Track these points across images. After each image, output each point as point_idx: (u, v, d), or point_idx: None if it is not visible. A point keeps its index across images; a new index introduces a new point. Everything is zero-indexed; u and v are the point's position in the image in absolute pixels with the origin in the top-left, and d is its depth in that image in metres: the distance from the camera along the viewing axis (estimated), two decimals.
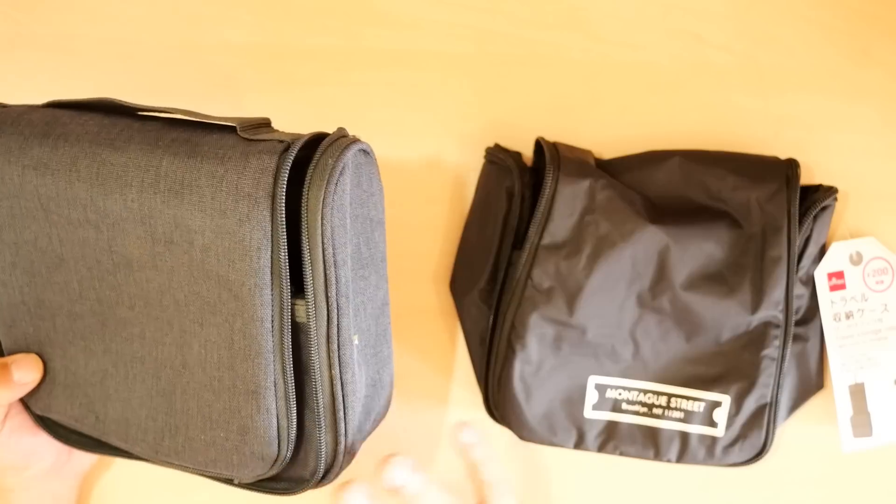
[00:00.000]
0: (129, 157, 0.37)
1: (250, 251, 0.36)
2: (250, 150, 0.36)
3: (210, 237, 0.36)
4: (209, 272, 0.37)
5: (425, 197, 0.53)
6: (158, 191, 0.36)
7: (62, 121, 0.39)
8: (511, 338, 0.48)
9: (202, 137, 0.37)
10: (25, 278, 0.41)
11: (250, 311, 0.37)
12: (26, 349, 0.43)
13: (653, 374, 0.49)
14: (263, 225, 0.35)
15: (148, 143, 0.37)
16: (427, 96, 0.53)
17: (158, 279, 0.38)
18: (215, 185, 0.35)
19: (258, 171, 0.35)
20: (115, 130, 0.38)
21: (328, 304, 0.37)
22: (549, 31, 0.53)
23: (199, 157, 0.36)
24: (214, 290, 0.37)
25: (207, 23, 0.53)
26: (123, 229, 0.38)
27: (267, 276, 0.36)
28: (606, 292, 0.48)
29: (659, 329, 0.49)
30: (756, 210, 0.49)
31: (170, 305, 0.39)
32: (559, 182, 0.47)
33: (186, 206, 0.36)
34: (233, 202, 0.35)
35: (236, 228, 0.35)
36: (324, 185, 0.35)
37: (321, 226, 0.35)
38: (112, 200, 0.37)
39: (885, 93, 0.54)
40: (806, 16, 0.53)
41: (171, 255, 0.37)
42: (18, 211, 0.39)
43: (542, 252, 0.48)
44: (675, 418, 0.49)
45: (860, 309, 0.51)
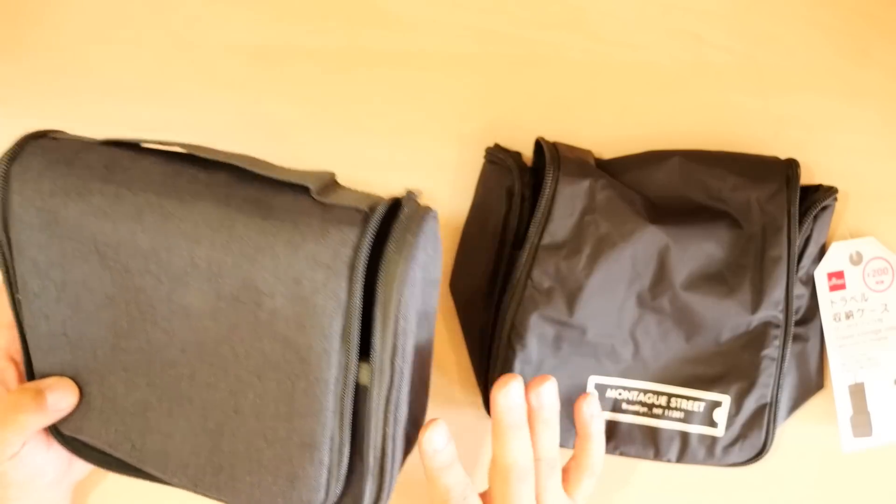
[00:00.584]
0: (199, 215, 0.36)
1: (322, 319, 0.35)
2: (328, 217, 0.35)
3: (281, 302, 0.35)
4: (275, 333, 0.36)
5: (425, 197, 0.53)
6: (230, 252, 0.35)
7: (122, 164, 0.38)
8: (511, 338, 0.48)
9: (274, 198, 0.36)
10: (69, 312, 0.40)
11: (315, 373, 0.36)
12: (60, 374, 0.42)
13: (653, 374, 0.49)
14: (339, 295, 0.35)
15: (218, 200, 0.36)
16: (427, 96, 0.53)
17: (217, 329, 0.37)
18: (291, 253, 0.35)
19: (338, 243, 0.34)
20: (182, 181, 0.37)
21: (392, 370, 0.36)
22: (549, 31, 0.53)
23: (275, 222, 0.35)
24: (278, 350, 0.37)
25: (207, 23, 0.53)
26: (186, 283, 0.37)
27: (336, 343, 0.36)
28: (606, 292, 0.48)
29: (659, 329, 0.49)
30: (756, 210, 0.49)
31: (227, 355, 0.38)
32: (559, 182, 0.47)
33: (258, 270, 0.35)
34: (309, 271, 0.35)
35: (310, 296, 0.35)
36: (402, 261, 0.35)
37: (397, 301, 0.35)
38: (178, 256, 0.36)
39: (885, 93, 0.54)
40: (806, 16, 0.53)
41: (235, 312, 0.37)
42: (70, 252, 0.38)
43: (541, 252, 0.48)
44: (675, 418, 0.49)
45: (860, 309, 0.51)
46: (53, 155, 0.38)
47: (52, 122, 0.53)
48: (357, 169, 0.53)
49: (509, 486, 0.41)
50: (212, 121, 0.53)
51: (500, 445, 0.42)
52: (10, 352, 0.44)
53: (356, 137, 0.53)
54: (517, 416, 0.42)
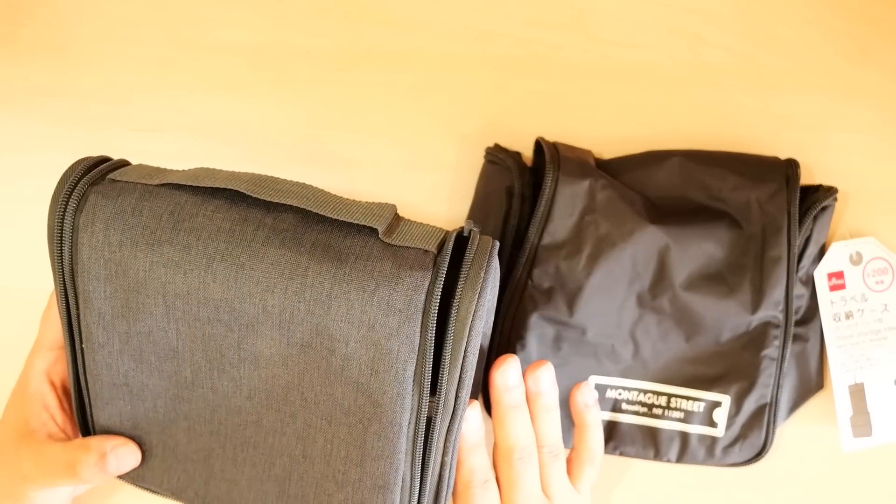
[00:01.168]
0: (271, 263, 0.36)
1: (396, 363, 0.35)
2: (399, 262, 0.35)
3: (354, 347, 0.36)
4: (347, 378, 0.36)
5: (425, 197, 0.53)
6: (303, 300, 0.35)
7: (188, 210, 0.37)
8: (511, 338, 0.48)
9: (343, 241, 0.36)
10: (132, 364, 0.39)
11: (389, 416, 0.37)
12: (119, 426, 0.41)
13: (653, 374, 0.49)
14: (412, 339, 0.35)
15: (288, 246, 0.36)
16: (427, 96, 0.53)
17: (286, 377, 0.38)
18: (366, 300, 0.35)
19: (411, 289, 0.35)
20: (249, 228, 0.37)
21: (456, 402, 0.37)
22: (549, 31, 0.53)
23: (348, 268, 0.35)
24: (350, 395, 0.37)
25: (207, 23, 0.53)
26: (257, 330, 0.37)
27: (410, 386, 0.36)
28: (606, 292, 0.48)
29: (659, 329, 0.49)
30: (756, 210, 0.49)
31: (296, 401, 0.38)
32: (559, 182, 0.47)
33: (332, 317, 0.35)
34: (383, 317, 0.35)
35: (384, 342, 0.35)
36: (475, 298, 0.35)
37: (467, 338, 0.36)
38: (250, 304, 0.36)
39: (885, 93, 0.54)
40: (806, 16, 0.53)
41: (306, 358, 0.37)
42: (136, 304, 0.38)
43: (541, 252, 0.48)
44: (674, 418, 0.49)
45: (860, 309, 0.51)
46: (118, 203, 0.38)
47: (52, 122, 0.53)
48: (357, 169, 0.53)
49: (513, 468, 0.42)
50: (212, 121, 0.53)
51: (501, 427, 0.42)
52: (50, 374, 0.43)
53: (356, 137, 0.53)
54: (516, 397, 0.42)
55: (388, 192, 0.53)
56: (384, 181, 0.53)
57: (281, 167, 0.53)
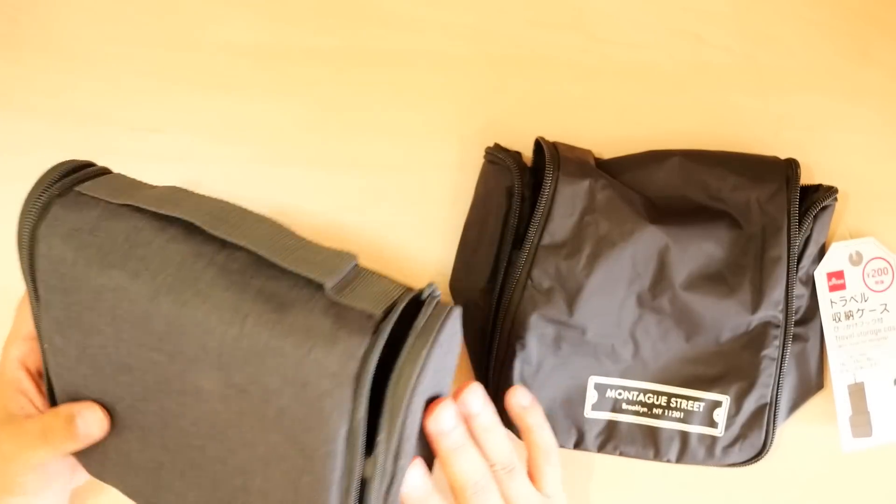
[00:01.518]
0: (212, 306, 0.35)
1: (328, 424, 0.35)
2: (340, 324, 0.35)
3: (288, 402, 0.35)
4: (282, 428, 0.36)
5: (425, 197, 0.53)
6: (240, 347, 0.35)
7: (144, 237, 0.37)
8: (511, 338, 0.48)
9: (289, 292, 0.36)
10: (88, 371, 0.40)
11: (320, 472, 0.36)
12: None
13: (653, 374, 0.49)
14: (345, 404, 0.34)
15: (233, 290, 0.36)
16: (427, 96, 0.53)
17: (226, 414, 0.37)
18: (300, 358, 0.34)
19: (345, 355, 0.34)
20: (200, 265, 0.36)
21: (395, 469, 0.37)
22: (549, 31, 0.53)
23: (287, 324, 0.35)
24: (284, 445, 0.36)
25: (207, 23, 0.53)
26: (198, 367, 0.37)
27: (341, 446, 0.35)
28: (606, 292, 0.48)
29: (659, 329, 0.49)
30: (756, 210, 0.49)
31: (235, 438, 0.38)
32: (559, 182, 0.47)
33: (267, 369, 0.35)
34: (316, 377, 0.34)
35: (316, 402, 0.35)
36: (414, 374, 0.34)
37: (403, 412, 0.35)
38: (189, 343, 0.36)
39: (885, 93, 0.54)
40: (806, 16, 0.53)
41: (243, 403, 0.36)
42: (88, 321, 0.38)
43: (541, 252, 0.48)
44: (674, 418, 0.49)
45: (860, 309, 0.51)
46: (77, 219, 0.38)
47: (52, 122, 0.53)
48: (357, 169, 0.53)
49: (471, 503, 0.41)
50: (212, 121, 0.53)
51: (448, 469, 0.41)
52: (25, 363, 0.44)
53: (356, 137, 0.53)
54: (455, 438, 0.40)
55: (389, 193, 0.53)
56: (384, 181, 0.53)
57: (281, 167, 0.53)
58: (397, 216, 0.53)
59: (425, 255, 0.53)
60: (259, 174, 0.53)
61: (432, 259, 0.54)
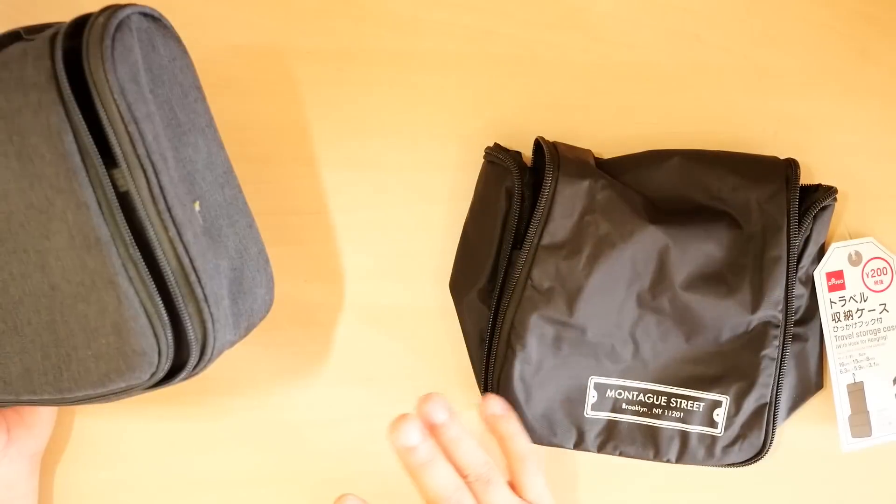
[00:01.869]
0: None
1: (53, 138, 0.36)
2: (27, 45, 0.37)
3: (18, 141, 0.36)
4: (29, 175, 0.36)
5: (425, 197, 0.53)
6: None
7: None
8: (511, 338, 0.48)
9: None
10: None
11: (73, 198, 0.36)
12: None
13: (652, 374, 0.49)
14: (56, 108, 0.36)
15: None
16: (427, 96, 0.53)
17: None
18: (4, 89, 0.36)
19: (36, 59, 0.36)
20: None
21: (141, 162, 0.37)
22: (549, 31, 0.53)
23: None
24: (41, 193, 0.37)
25: (208, 23, 0.53)
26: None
27: (76, 158, 0.36)
28: (606, 292, 0.48)
29: (659, 329, 0.49)
30: (756, 210, 0.49)
31: (18, 231, 0.38)
32: (559, 182, 0.47)
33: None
34: (23, 97, 0.36)
35: (33, 121, 0.36)
36: (100, 41, 0.35)
37: (107, 81, 0.36)
38: None
39: (885, 93, 0.54)
40: (806, 16, 0.53)
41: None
42: None
43: (541, 252, 0.48)
44: (674, 418, 0.49)
45: (859, 309, 0.51)
46: None
47: None
48: (357, 169, 0.53)
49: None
50: None
51: (419, 486, 0.40)
52: None
53: (356, 137, 0.53)
54: (422, 453, 0.40)
55: (389, 192, 0.53)
56: (384, 181, 0.53)
57: (281, 167, 0.53)
58: (397, 216, 0.53)
59: (425, 255, 0.53)
60: (259, 174, 0.53)
61: (432, 259, 0.54)
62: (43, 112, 0.36)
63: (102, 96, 0.36)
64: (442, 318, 0.53)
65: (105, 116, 0.36)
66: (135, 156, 0.37)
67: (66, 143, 0.36)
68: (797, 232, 0.49)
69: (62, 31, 0.37)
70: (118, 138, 0.36)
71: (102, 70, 0.36)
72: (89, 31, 0.36)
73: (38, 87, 0.36)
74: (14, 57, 0.37)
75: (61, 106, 0.36)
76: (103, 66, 0.36)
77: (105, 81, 0.36)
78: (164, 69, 0.40)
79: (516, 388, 0.48)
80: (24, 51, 0.37)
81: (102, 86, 0.36)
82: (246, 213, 0.45)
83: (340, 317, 0.53)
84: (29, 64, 0.36)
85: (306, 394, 0.53)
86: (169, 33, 0.41)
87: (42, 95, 0.36)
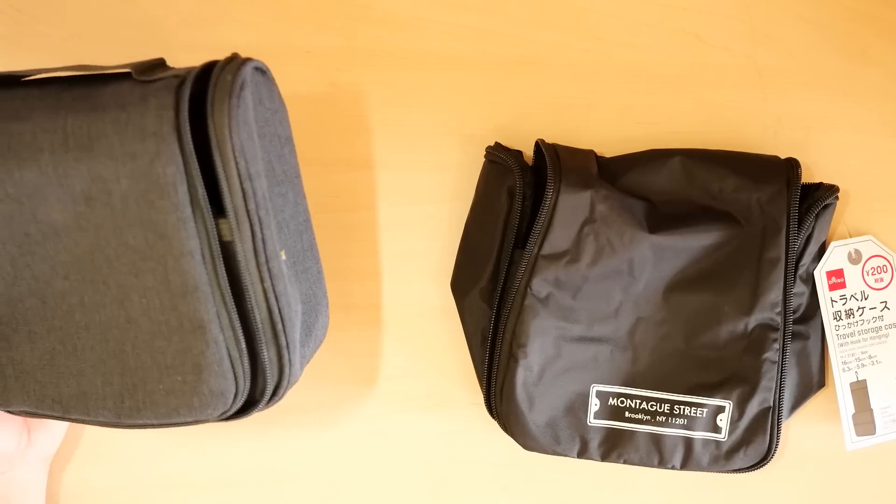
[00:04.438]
0: (35, 124, 0.37)
1: (167, 188, 0.36)
2: (148, 91, 0.36)
3: (126, 183, 0.36)
4: (132, 218, 0.37)
5: (425, 197, 0.53)
6: (69, 149, 0.36)
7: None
8: (512, 346, 0.48)
9: (101, 89, 0.37)
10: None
11: (178, 246, 0.37)
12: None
13: (654, 381, 0.49)
14: (175, 159, 0.36)
15: (50, 106, 0.37)
16: (427, 96, 0.53)
17: (86, 240, 0.38)
18: (121, 131, 0.36)
19: (158, 109, 0.36)
20: (17, 101, 0.38)
21: (250, 217, 0.37)
22: (549, 31, 0.53)
23: (101, 109, 0.36)
24: (140, 235, 0.37)
25: (207, 23, 0.53)
26: (44, 196, 0.37)
27: (188, 209, 0.37)
28: (604, 300, 0.48)
29: (657, 334, 0.49)
30: (757, 211, 0.49)
31: (102, 264, 0.38)
32: (560, 193, 0.47)
33: (98, 158, 0.36)
34: (140, 143, 0.36)
35: (149, 168, 0.36)
36: (226, 99, 0.36)
37: (230, 139, 0.36)
38: (27, 169, 0.37)
39: (885, 93, 0.54)
40: (806, 16, 0.53)
41: (94, 212, 0.37)
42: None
43: (541, 261, 0.48)
44: (678, 425, 0.49)
45: (860, 307, 0.51)
46: None
47: None
48: (357, 169, 0.53)
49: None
50: None
51: None
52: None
53: (356, 137, 0.53)
54: None
55: (389, 192, 0.53)
56: (384, 181, 0.53)
57: None
58: (397, 216, 0.53)
59: (425, 255, 0.53)
60: None
61: (432, 259, 0.53)
62: (160, 162, 0.36)
63: (223, 155, 0.36)
64: (442, 318, 0.53)
65: (222, 173, 0.36)
66: (244, 210, 0.37)
67: (180, 195, 0.36)
68: (797, 233, 0.49)
69: (189, 83, 0.36)
70: (232, 194, 0.37)
71: (227, 129, 0.36)
72: (215, 88, 0.36)
73: (158, 136, 0.36)
74: (132, 100, 0.36)
75: (181, 158, 0.36)
76: (228, 125, 0.36)
77: (228, 141, 0.36)
78: (268, 122, 0.40)
79: (519, 396, 0.48)
80: (143, 96, 0.36)
81: (225, 145, 0.36)
82: (317, 259, 0.45)
83: (341, 317, 0.53)
84: (151, 112, 0.36)
85: (307, 394, 0.53)
86: (273, 86, 0.41)
87: (161, 146, 0.36)
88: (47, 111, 0.37)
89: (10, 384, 0.42)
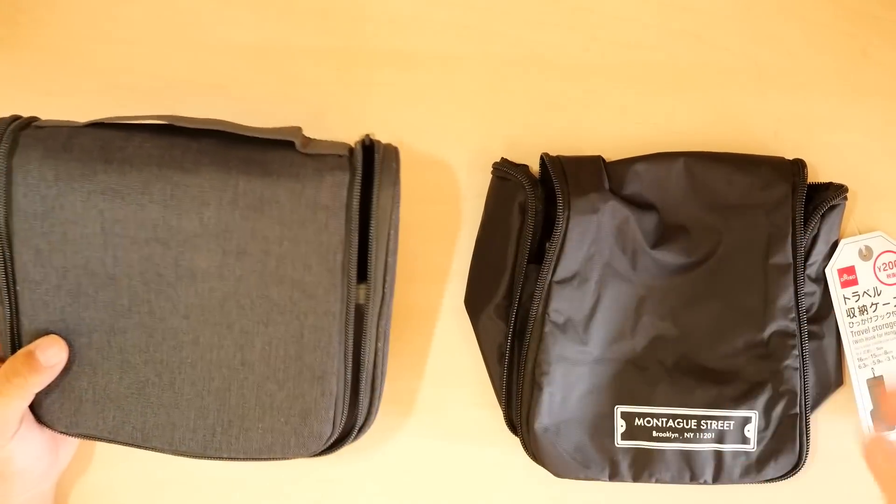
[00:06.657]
0: (203, 179, 0.40)
1: (327, 255, 0.41)
2: (320, 166, 0.41)
3: (288, 246, 0.40)
4: (282, 277, 0.41)
5: (425, 197, 0.53)
6: (237, 207, 0.40)
7: (116, 143, 0.40)
8: (535, 375, 0.48)
9: (265, 155, 0.41)
10: (69, 299, 0.41)
11: (324, 307, 0.41)
12: None
13: (677, 397, 0.48)
14: (340, 231, 0.40)
15: (217, 163, 0.40)
16: (426, 97, 0.53)
17: (223, 288, 0.41)
18: (295, 200, 0.40)
19: (334, 186, 0.40)
20: (177, 152, 0.40)
21: (384, 286, 0.42)
22: (549, 31, 0.53)
23: (275, 176, 0.40)
24: (286, 293, 0.41)
25: (207, 23, 0.53)
26: (195, 245, 0.40)
27: (339, 275, 0.41)
28: (618, 320, 0.48)
29: (675, 350, 0.49)
30: (762, 217, 0.49)
31: (232, 311, 0.41)
32: (570, 221, 0.47)
33: (266, 220, 0.40)
34: (311, 214, 0.40)
35: (315, 237, 0.40)
36: (392, 186, 0.41)
37: (390, 222, 0.41)
38: (187, 220, 0.40)
39: (885, 93, 0.54)
40: (806, 16, 0.54)
41: (241, 266, 0.41)
42: (73, 236, 0.40)
43: (555, 287, 0.48)
44: (706, 440, 0.48)
45: (874, 303, 0.50)
46: (49, 143, 0.40)
47: None
48: None
49: None
50: None
51: None
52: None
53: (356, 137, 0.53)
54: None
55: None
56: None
57: None
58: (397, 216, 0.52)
59: (425, 256, 0.53)
60: None
61: (432, 259, 0.53)
62: (326, 232, 0.40)
63: (380, 233, 0.41)
64: (443, 318, 0.53)
65: (374, 247, 0.41)
66: (382, 280, 0.42)
67: (337, 262, 0.41)
68: (803, 239, 0.49)
69: (359, 166, 0.41)
70: (377, 265, 0.42)
71: (390, 211, 0.41)
72: (382, 173, 0.42)
73: (329, 210, 0.40)
74: (306, 173, 0.40)
75: (345, 231, 0.41)
76: (391, 207, 0.41)
77: (388, 221, 0.42)
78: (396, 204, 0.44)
79: (547, 426, 0.48)
80: (318, 170, 0.41)
81: (384, 224, 0.41)
82: (391, 306, 0.47)
83: None
84: (325, 188, 0.40)
85: None
86: (399, 172, 0.44)
87: (331, 219, 0.40)
88: (215, 168, 0.40)
89: (86, 408, 0.43)
